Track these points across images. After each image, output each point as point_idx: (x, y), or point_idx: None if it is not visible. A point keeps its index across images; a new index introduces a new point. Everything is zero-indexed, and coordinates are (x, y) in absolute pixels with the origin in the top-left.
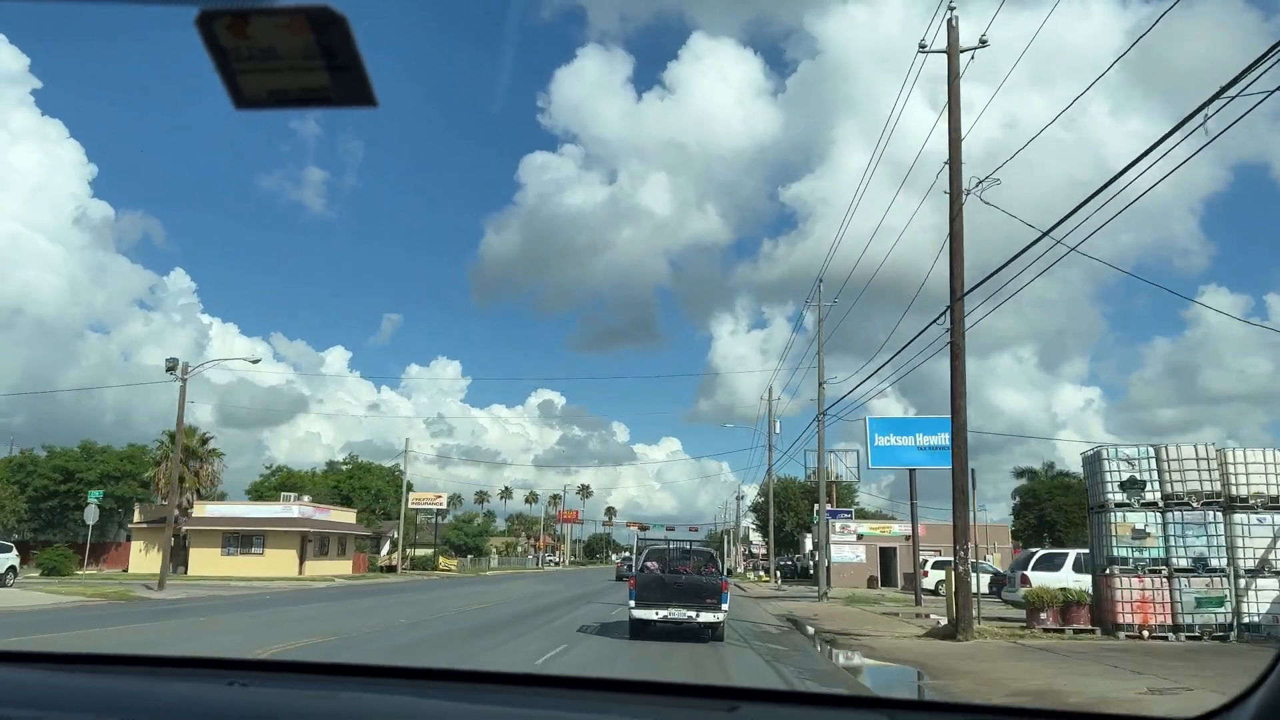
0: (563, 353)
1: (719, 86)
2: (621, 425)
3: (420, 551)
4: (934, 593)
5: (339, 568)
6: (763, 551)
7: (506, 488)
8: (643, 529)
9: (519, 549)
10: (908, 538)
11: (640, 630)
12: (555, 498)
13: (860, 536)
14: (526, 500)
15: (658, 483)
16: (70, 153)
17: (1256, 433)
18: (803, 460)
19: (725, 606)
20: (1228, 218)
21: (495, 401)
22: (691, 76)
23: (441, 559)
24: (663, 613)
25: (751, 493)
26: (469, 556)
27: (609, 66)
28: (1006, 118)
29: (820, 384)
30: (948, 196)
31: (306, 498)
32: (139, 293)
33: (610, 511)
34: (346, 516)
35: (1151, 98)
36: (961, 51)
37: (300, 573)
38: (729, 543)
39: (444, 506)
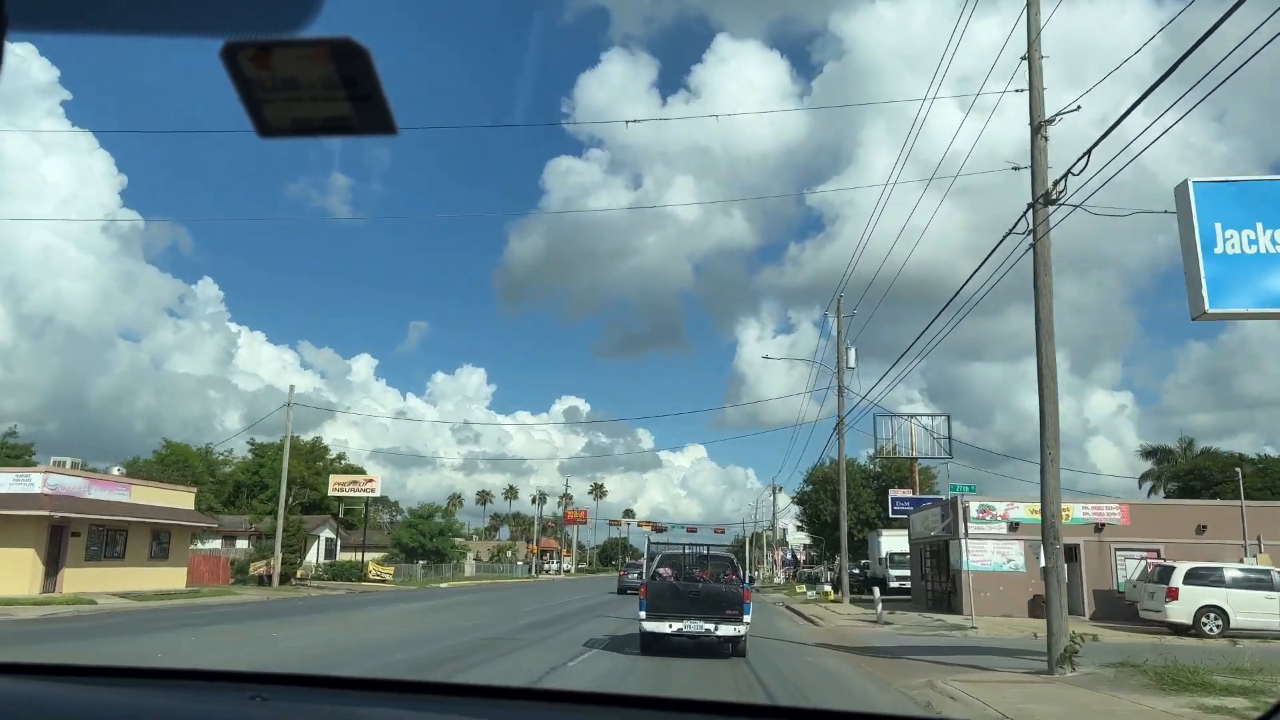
0: (588, 358)
1: (744, 89)
2: (646, 432)
3: (367, 555)
4: (1192, 631)
5: (154, 578)
6: (804, 558)
7: (510, 486)
8: (658, 530)
9: (509, 554)
10: (1098, 528)
11: (652, 645)
12: (566, 497)
13: (1014, 527)
14: (532, 500)
15: (683, 490)
16: (100, 163)
17: None
18: (870, 431)
19: (747, 618)
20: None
21: (520, 408)
22: (716, 79)
23: (372, 565)
24: (677, 625)
25: (788, 497)
26: (420, 563)
27: (633, 70)
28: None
29: (1035, 130)
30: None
31: (119, 469)
32: (168, 301)
33: (628, 513)
34: (173, 499)
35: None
36: None
37: (51, 587)
38: (761, 547)
39: (376, 493)
